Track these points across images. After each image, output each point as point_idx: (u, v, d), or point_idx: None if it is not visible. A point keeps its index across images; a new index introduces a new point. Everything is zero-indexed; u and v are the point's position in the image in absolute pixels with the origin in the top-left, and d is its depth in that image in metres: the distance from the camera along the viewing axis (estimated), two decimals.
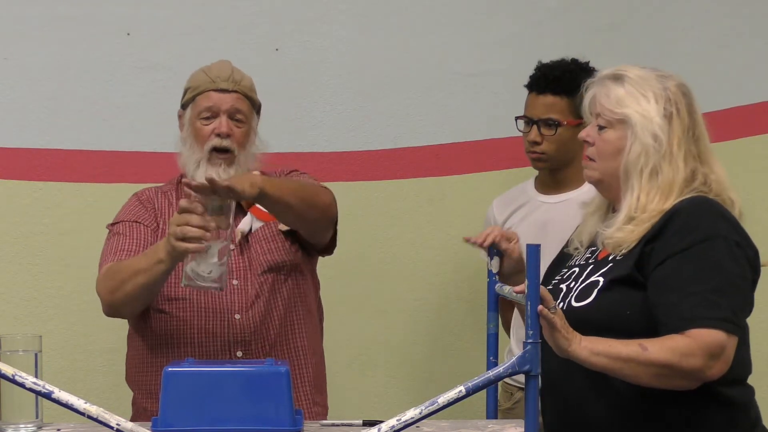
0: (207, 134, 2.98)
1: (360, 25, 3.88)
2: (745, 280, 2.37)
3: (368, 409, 3.69)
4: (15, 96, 3.75)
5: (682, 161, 2.44)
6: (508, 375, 2.11)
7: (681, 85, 2.49)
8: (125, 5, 3.78)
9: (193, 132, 3.00)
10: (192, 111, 3.01)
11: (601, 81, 2.51)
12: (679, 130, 2.44)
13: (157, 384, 2.92)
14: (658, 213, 2.41)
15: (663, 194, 2.42)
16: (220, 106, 2.99)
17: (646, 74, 2.47)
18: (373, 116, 3.89)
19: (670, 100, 2.45)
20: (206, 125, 2.99)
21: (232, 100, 3.00)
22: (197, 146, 2.99)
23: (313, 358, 3.05)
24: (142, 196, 3.07)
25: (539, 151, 3.38)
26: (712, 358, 2.28)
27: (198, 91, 3.01)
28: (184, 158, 3.01)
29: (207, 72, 3.03)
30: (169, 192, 3.08)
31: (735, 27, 3.99)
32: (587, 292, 2.43)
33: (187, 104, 3.04)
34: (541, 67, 3.42)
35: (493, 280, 2.67)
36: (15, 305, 3.75)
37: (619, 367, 2.28)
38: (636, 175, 2.44)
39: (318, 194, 2.96)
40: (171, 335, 2.93)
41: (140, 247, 2.94)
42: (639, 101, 2.44)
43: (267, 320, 2.95)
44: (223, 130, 2.97)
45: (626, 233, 2.42)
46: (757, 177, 3.91)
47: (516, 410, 3.46)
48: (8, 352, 2.42)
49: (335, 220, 3.05)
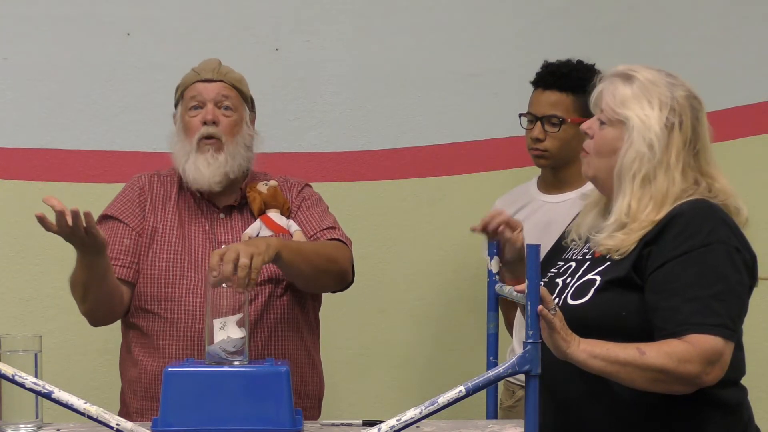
0: (196, 126, 2.98)
1: (360, 25, 3.88)
2: (743, 286, 2.37)
3: (368, 409, 3.69)
4: (15, 96, 3.75)
5: (679, 174, 2.41)
6: (509, 375, 2.11)
7: (690, 95, 2.45)
8: (125, 5, 3.78)
9: (182, 126, 3.01)
10: (182, 107, 3.02)
11: (611, 78, 2.48)
12: (680, 142, 2.41)
13: (141, 382, 2.94)
14: (650, 223, 2.39)
15: (656, 204, 2.40)
16: (206, 96, 2.99)
17: (656, 78, 2.44)
18: (373, 116, 3.89)
19: (674, 111, 2.41)
20: (194, 116, 2.99)
21: (217, 89, 3.00)
22: (187, 139, 2.98)
23: (297, 375, 2.98)
24: (139, 182, 3.07)
25: (542, 148, 3.38)
26: (710, 364, 2.28)
27: (184, 87, 3.03)
28: (176, 154, 3.00)
29: (194, 68, 3.06)
30: (168, 183, 3.06)
31: (735, 27, 3.99)
32: (583, 291, 2.43)
33: (178, 103, 3.05)
34: (548, 65, 3.42)
35: (493, 280, 2.67)
36: (15, 305, 3.75)
37: (616, 371, 2.28)
38: (628, 180, 2.42)
39: (336, 261, 2.93)
40: (158, 335, 2.93)
41: (114, 252, 2.94)
42: (643, 106, 2.42)
43: (256, 329, 2.92)
44: (208, 117, 2.97)
45: (617, 242, 2.41)
46: (757, 177, 3.91)
47: (517, 408, 3.46)
48: (8, 352, 2.42)
49: (350, 282, 3.04)
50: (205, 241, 2.99)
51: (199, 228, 3.00)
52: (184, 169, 2.97)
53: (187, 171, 2.96)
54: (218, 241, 2.98)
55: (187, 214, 3.02)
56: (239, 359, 2.41)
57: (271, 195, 3.00)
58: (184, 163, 2.97)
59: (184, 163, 2.97)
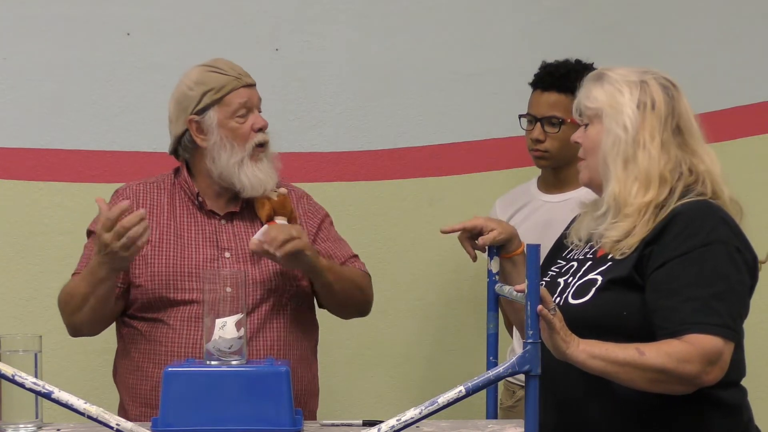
0: (247, 131, 2.94)
1: (360, 25, 3.87)
2: (744, 286, 2.38)
3: (368, 409, 3.69)
4: (15, 96, 3.75)
5: (657, 150, 2.44)
6: (508, 375, 2.12)
7: (663, 79, 2.50)
8: (125, 5, 3.77)
9: (228, 133, 2.93)
10: (220, 112, 2.94)
11: (585, 83, 2.55)
12: (654, 120, 2.45)
13: (141, 387, 2.92)
14: (645, 206, 2.41)
15: (642, 184, 2.43)
16: (253, 101, 2.97)
17: (626, 72, 2.50)
18: (373, 116, 3.89)
19: (645, 92, 2.46)
20: (243, 123, 2.95)
21: (257, 94, 3.00)
22: (239, 146, 2.93)
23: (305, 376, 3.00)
24: (125, 193, 3.01)
25: (542, 149, 3.38)
26: (710, 364, 2.28)
27: (226, 91, 2.95)
28: (222, 162, 2.93)
29: (221, 71, 2.97)
30: (157, 191, 3.01)
31: (735, 27, 3.99)
32: (585, 290, 2.43)
33: (208, 107, 2.95)
34: (546, 66, 3.42)
35: (493, 280, 2.67)
36: (15, 305, 3.75)
37: (616, 371, 2.28)
38: (611, 165, 2.45)
39: (364, 291, 3.03)
40: (158, 340, 2.91)
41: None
42: (613, 95, 2.47)
43: (258, 336, 2.92)
44: (263, 125, 2.96)
45: (619, 231, 2.43)
46: (757, 177, 3.91)
47: (517, 408, 3.46)
48: (8, 352, 2.42)
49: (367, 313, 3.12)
50: (207, 246, 2.96)
51: (200, 234, 2.98)
52: (238, 176, 2.92)
53: (243, 179, 2.92)
54: (221, 246, 2.96)
55: (186, 220, 2.99)
56: (237, 359, 2.41)
57: (280, 203, 3.00)
58: (237, 170, 2.92)
59: (237, 170, 2.92)
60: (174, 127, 3.00)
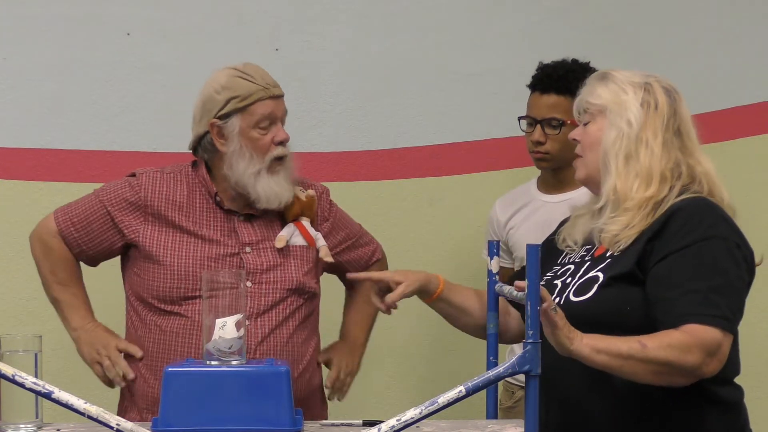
0: (267, 144, 2.90)
1: (360, 25, 3.88)
2: (742, 282, 2.39)
3: (368, 409, 3.69)
4: (15, 96, 3.75)
5: (659, 148, 2.46)
6: (508, 375, 2.12)
7: (665, 83, 2.53)
8: (125, 5, 3.78)
9: (248, 143, 2.90)
10: (243, 120, 2.89)
11: (588, 82, 2.57)
12: (657, 120, 2.48)
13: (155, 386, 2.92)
14: (645, 201, 2.43)
15: (642, 180, 2.45)
16: (277, 114, 2.92)
17: (630, 74, 2.53)
18: (373, 116, 3.89)
19: (649, 93, 2.49)
20: (264, 134, 2.91)
21: (283, 106, 2.95)
22: (257, 157, 2.90)
23: (315, 377, 3.03)
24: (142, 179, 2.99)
25: (543, 151, 3.38)
26: (709, 354, 2.29)
27: (251, 100, 2.89)
28: (240, 170, 2.91)
29: (251, 78, 2.92)
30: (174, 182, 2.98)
31: (735, 27, 3.99)
32: (587, 288, 2.44)
33: (231, 114, 2.90)
34: (543, 67, 3.42)
35: (493, 280, 2.67)
36: (15, 305, 3.75)
37: (619, 365, 2.29)
38: (612, 160, 2.47)
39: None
40: (177, 333, 2.91)
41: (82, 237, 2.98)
42: (618, 93, 2.50)
43: (275, 334, 2.92)
44: (284, 138, 2.92)
45: (619, 225, 2.44)
46: (757, 177, 3.91)
47: (517, 409, 3.47)
48: (8, 352, 2.41)
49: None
50: (228, 241, 2.95)
51: (218, 229, 2.95)
52: (253, 186, 2.90)
53: (259, 190, 2.90)
54: (242, 242, 2.95)
55: (206, 215, 2.96)
56: (237, 359, 2.41)
57: (308, 204, 3.00)
58: (253, 181, 2.90)
59: (254, 181, 2.90)
60: (196, 126, 2.97)
